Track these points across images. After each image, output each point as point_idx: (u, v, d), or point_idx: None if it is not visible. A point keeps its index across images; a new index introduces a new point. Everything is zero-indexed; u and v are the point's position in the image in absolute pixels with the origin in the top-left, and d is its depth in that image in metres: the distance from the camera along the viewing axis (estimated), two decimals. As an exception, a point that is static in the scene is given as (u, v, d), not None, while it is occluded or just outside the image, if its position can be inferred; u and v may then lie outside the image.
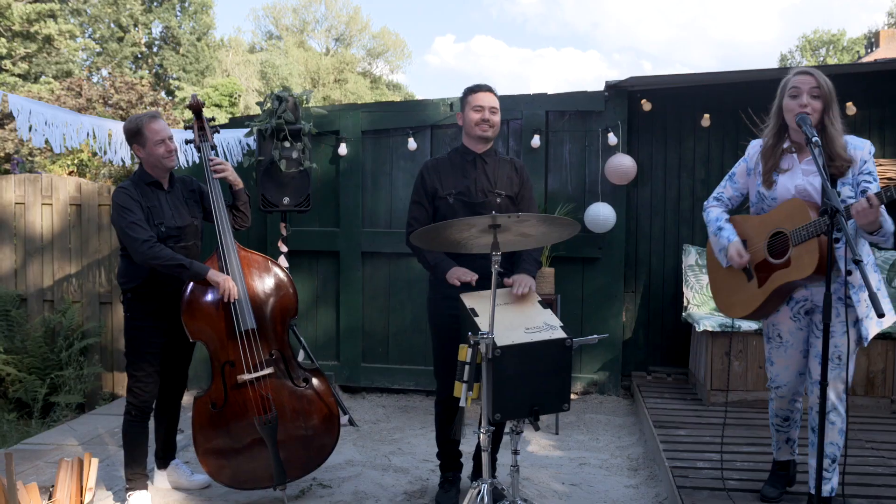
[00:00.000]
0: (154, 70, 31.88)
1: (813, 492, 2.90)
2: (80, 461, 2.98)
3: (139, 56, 31.10)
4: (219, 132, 3.59)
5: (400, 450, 4.30)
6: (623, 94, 5.05)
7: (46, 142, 3.56)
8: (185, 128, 3.55)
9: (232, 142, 4.85)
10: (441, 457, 3.51)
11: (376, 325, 5.41)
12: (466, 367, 2.64)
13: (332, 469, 3.95)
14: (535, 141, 5.06)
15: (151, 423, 3.49)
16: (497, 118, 3.26)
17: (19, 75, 20.55)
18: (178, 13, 32.20)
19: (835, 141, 2.71)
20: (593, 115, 5.10)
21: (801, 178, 2.78)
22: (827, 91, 2.73)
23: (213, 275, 3.23)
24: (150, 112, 3.31)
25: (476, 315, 2.90)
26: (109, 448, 4.26)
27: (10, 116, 16.09)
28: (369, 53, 44.15)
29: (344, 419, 4.76)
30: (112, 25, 28.86)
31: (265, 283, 3.45)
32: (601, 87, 5.10)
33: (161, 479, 3.71)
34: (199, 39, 32.35)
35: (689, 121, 5.25)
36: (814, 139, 2.55)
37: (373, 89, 42.29)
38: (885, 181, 4.91)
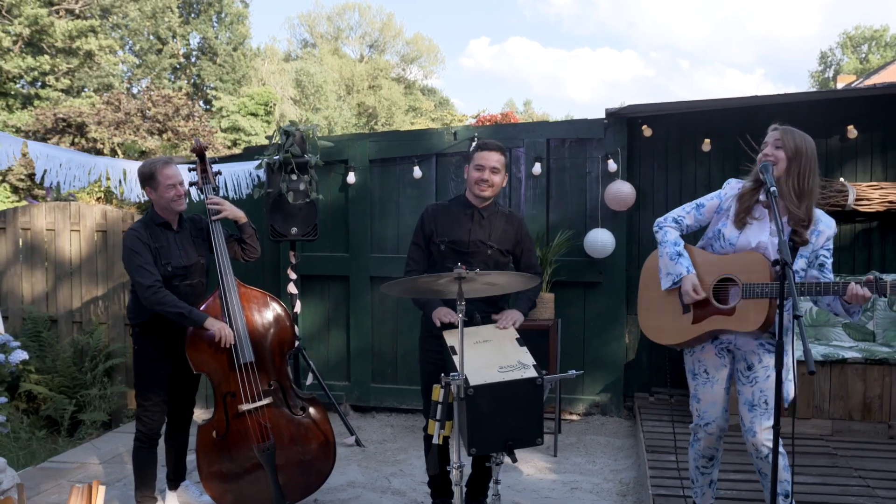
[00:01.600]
0: (192, 80, 32.65)
1: None
2: (90, 487, 3.20)
3: (177, 67, 31.90)
4: (220, 174, 3.80)
5: (402, 471, 4.47)
6: (623, 120, 5.15)
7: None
8: (190, 170, 3.77)
9: (242, 174, 5.08)
10: (431, 485, 3.67)
11: (385, 347, 5.60)
12: (439, 407, 2.81)
13: (334, 490, 4.14)
14: (537, 168, 5.19)
15: (161, 448, 3.73)
16: (498, 178, 3.35)
17: (62, 90, 21.29)
18: (215, 24, 32.90)
19: (792, 203, 2.76)
20: (593, 142, 5.22)
21: (766, 235, 2.83)
22: (791, 147, 2.80)
23: (210, 323, 3.43)
24: (164, 158, 3.53)
25: (454, 353, 3.06)
26: (127, 467, 4.51)
27: (52, 131, 16.73)
28: (403, 59, 44.58)
29: (350, 440, 4.99)
30: (151, 38, 29.66)
31: (263, 318, 3.65)
32: (630, 94, 5.21)
33: (172, 499, 3.94)
34: (235, 49, 33.00)
35: (690, 145, 5.32)
36: (772, 188, 2.65)
37: (406, 94, 42.67)
38: (887, 205, 4.92)
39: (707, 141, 5.20)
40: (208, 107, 30.18)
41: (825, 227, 2.84)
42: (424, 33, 55.69)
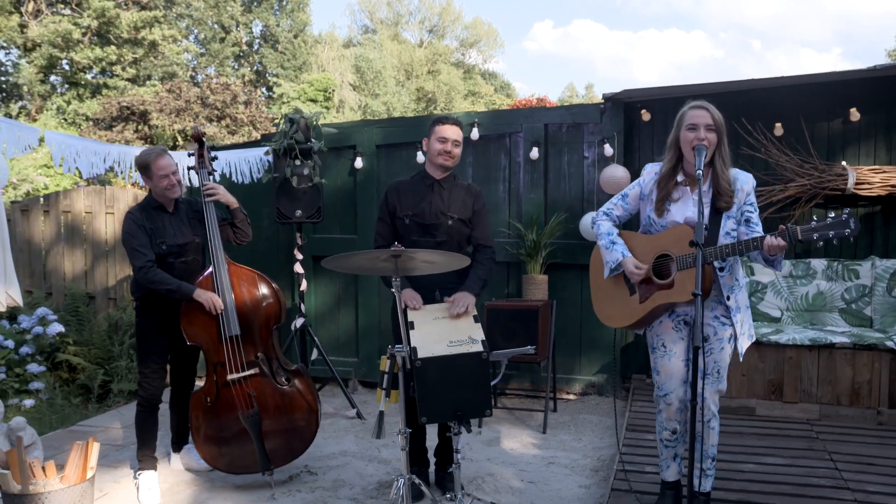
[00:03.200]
0: (254, 68, 33.50)
1: (697, 489, 3.12)
2: (88, 444, 3.54)
3: (240, 55, 32.77)
4: (217, 159, 4.07)
5: (393, 443, 4.69)
6: (620, 105, 5.20)
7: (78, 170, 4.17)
8: (189, 155, 4.05)
9: (253, 160, 5.37)
10: (408, 453, 3.88)
11: (390, 325, 5.80)
12: (385, 376, 3.01)
13: (325, 458, 4.40)
14: (535, 153, 5.31)
15: (164, 414, 4.05)
16: (458, 150, 3.59)
17: (128, 79, 22.24)
18: (276, 12, 33.60)
19: (721, 176, 2.89)
20: (590, 127, 5.29)
21: (691, 209, 2.95)
22: (720, 126, 2.89)
23: (198, 294, 3.72)
24: (159, 148, 3.83)
25: (412, 328, 3.27)
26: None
27: (117, 119, 17.54)
28: (462, 44, 44.59)
29: (352, 412, 5.25)
30: (215, 26, 30.57)
31: (251, 294, 3.91)
32: (687, 74, 5.30)
33: (175, 461, 4.27)
34: (295, 37, 33.64)
35: (690, 130, 5.32)
36: (697, 171, 2.75)
37: (466, 79, 42.71)
38: (889, 189, 4.85)
39: (706, 125, 5.19)
40: (270, 93, 30.97)
41: (743, 183, 2.95)
42: (484, 17, 55.44)
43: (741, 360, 3.04)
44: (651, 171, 3.12)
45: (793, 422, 4.50)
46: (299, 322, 5.24)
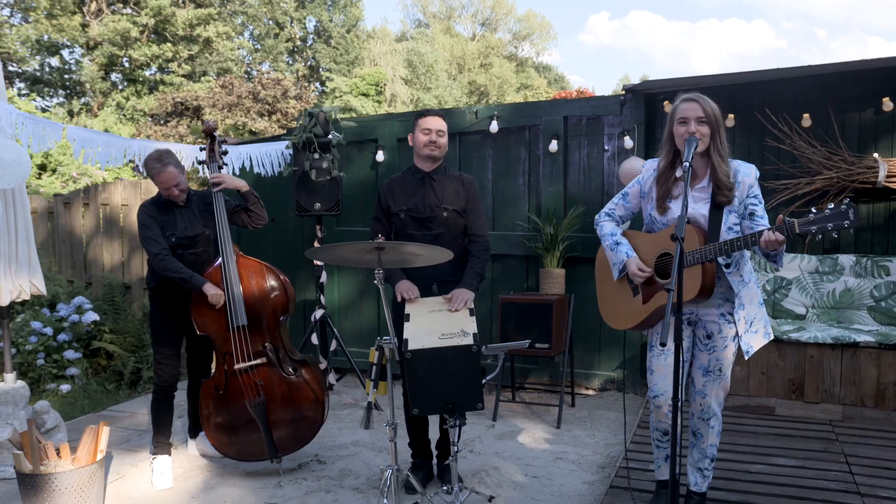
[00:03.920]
0: (308, 63, 33.99)
1: (693, 488, 3.06)
2: (99, 428, 3.68)
3: (294, 50, 33.29)
4: (227, 153, 4.15)
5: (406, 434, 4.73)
6: (640, 97, 5.10)
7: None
8: (201, 149, 4.14)
9: (275, 153, 5.46)
10: (411, 445, 3.92)
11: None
12: (374, 368, 3.04)
13: (336, 448, 4.47)
14: (554, 146, 5.25)
15: (180, 401, 4.17)
16: (444, 140, 3.62)
17: (184, 75, 22.86)
18: (329, 7, 34.01)
19: (719, 168, 2.80)
20: (610, 119, 5.20)
21: (691, 205, 2.88)
22: (713, 117, 2.81)
23: (207, 288, 3.81)
24: (161, 163, 3.79)
25: (408, 321, 3.28)
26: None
27: (172, 114, 18.04)
28: (515, 37, 44.34)
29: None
30: (269, 23, 31.11)
31: (259, 285, 3.98)
32: (758, 61, 5.18)
33: (191, 446, 4.40)
34: (348, 31, 33.98)
35: (714, 121, 5.18)
36: (685, 163, 2.68)
37: (518, 72, 42.47)
38: (925, 181, 4.63)
39: (731, 116, 5.05)
40: (322, 88, 31.39)
41: (744, 175, 2.85)
42: (539, 10, 54.97)
43: (746, 358, 2.94)
44: (650, 167, 3.06)
45: (813, 422, 4.36)
46: (319, 314, 5.32)
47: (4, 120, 3.81)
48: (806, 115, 4.85)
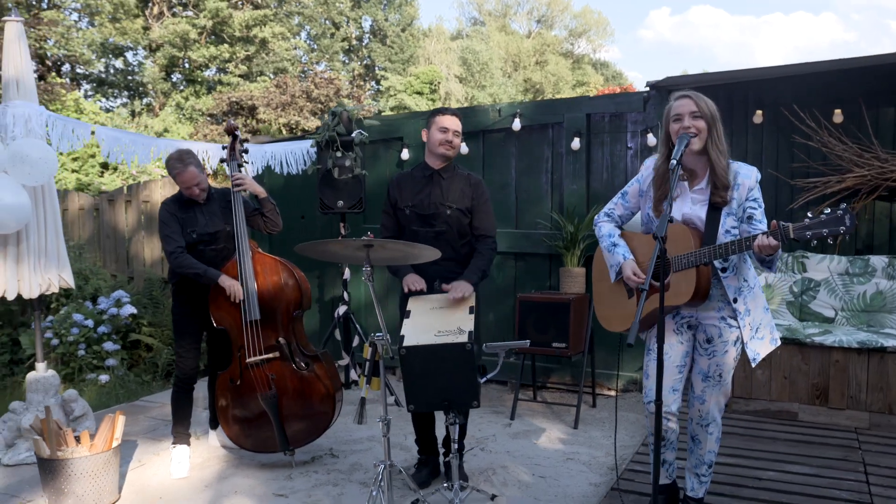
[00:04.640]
0: (363, 62, 34.38)
1: (689, 493, 3.00)
2: (115, 418, 3.82)
3: (349, 49, 33.71)
4: (247, 152, 4.25)
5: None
6: (664, 93, 5.00)
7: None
8: (223, 148, 4.26)
9: (299, 152, 5.56)
10: (418, 442, 3.95)
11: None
12: (367, 364, 3.07)
13: (351, 442, 4.53)
14: (576, 143, 5.20)
15: (200, 393, 4.29)
16: (459, 140, 3.63)
17: (240, 76, 23.41)
18: (385, 6, 34.30)
19: (717, 164, 2.74)
20: (633, 116, 5.12)
21: (689, 206, 2.82)
22: (708, 113, 2.75)
23: (223, 280, 3.92)
24: (184, 163, 3.92)
25: (408, 317, 3.32)
26: (195, 410, 5.18)
27: (227, 114, 18.46)
28: (571, 34, 43.91)
29: (391, 399, 5.35)
30: (325, 23, 31.58)
31: (273, 281, 4.07)
32: (821, 54, 5.07)
33: (212, 437, 4.53)
34: (403, 30, 34.21)
35: (742, 118, 5.05)
36: (672, 161, 2.63)
37: (574, 69, 42.05)
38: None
39: (759, 112, 4.91)
40: (378, 87, 31.70)
41: (744, 177, 2.78)
42: (594, 6, 54.26)
43: (752, 364, 2.87)
44: (650, 165, 3.02)
45: (837, 429, 4.20)
46: (342, 310, 5.39)
47: (35, 121, 3.98)
48: (837, 111, 4.68)
